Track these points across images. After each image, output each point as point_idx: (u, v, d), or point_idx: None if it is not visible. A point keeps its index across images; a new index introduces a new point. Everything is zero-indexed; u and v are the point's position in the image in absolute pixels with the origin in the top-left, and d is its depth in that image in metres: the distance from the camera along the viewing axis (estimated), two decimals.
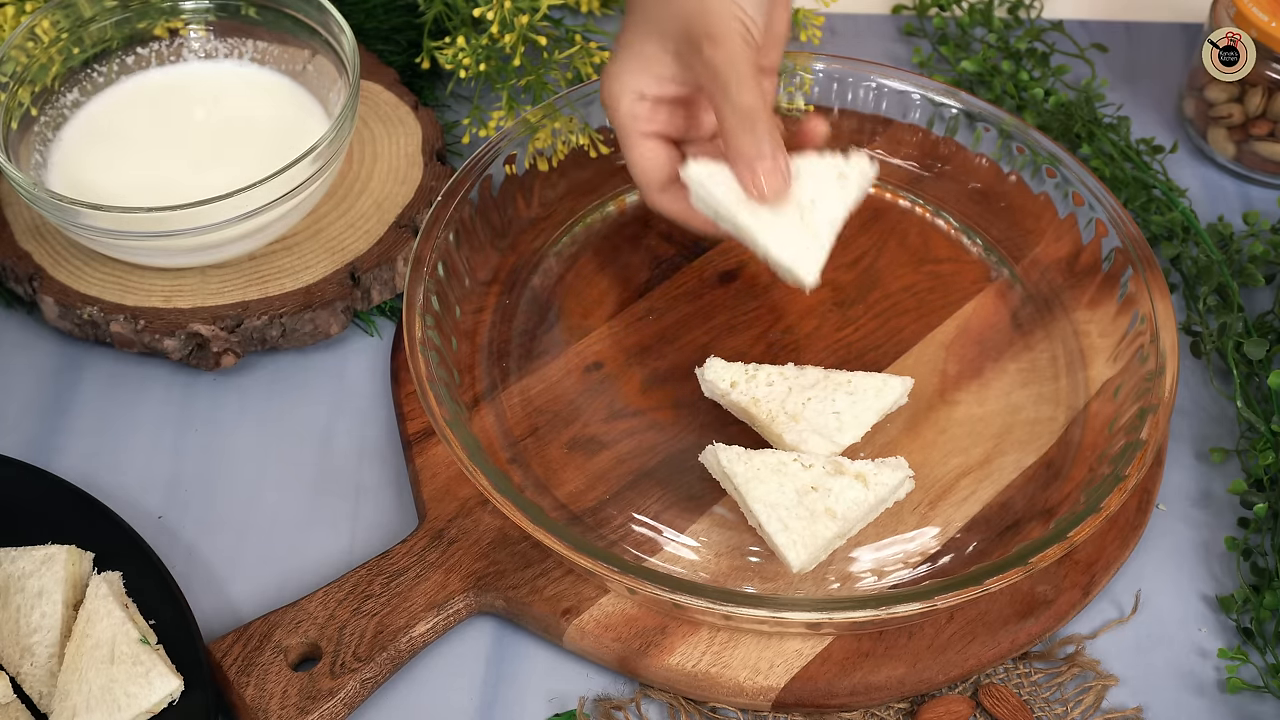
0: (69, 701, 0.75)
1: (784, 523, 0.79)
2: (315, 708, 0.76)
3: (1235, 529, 0.88)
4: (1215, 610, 0.84)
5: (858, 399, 0.85)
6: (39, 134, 0.95)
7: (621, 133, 0.86)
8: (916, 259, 0.97)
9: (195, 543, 0.86)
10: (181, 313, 0.91)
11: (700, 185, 0.82)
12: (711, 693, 0.79)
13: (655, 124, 0.86)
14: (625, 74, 0.85)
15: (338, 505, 0.87)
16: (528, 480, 0.85)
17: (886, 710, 0.79)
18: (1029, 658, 0.82)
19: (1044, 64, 1.10)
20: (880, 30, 1.16)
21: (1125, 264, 0.91)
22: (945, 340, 0.93)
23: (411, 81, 1.07)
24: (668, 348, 0.92)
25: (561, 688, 0.81)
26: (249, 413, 0.92)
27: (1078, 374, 0.91)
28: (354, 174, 0.99)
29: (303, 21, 0.98)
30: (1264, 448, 0.87)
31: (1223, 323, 0.93)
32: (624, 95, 0.85)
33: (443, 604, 0.80)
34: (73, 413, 0.91)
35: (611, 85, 0.85)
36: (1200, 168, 1.07)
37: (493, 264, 0.95)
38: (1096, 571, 0.83)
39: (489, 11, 0.99)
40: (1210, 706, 0.80)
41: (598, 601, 0.80)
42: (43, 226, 0.95)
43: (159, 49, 1.00)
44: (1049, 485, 0.86)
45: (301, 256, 0.94)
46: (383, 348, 0.95)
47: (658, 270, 0.96)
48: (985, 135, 0.99)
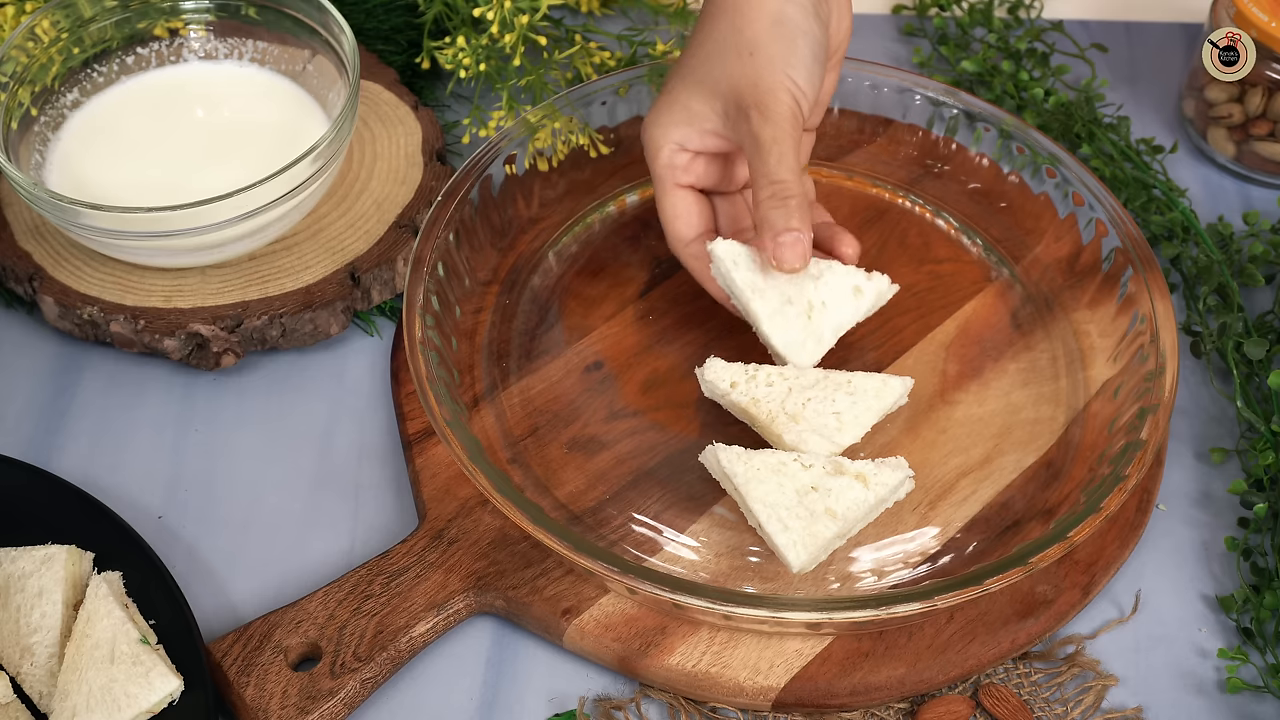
0: (69, 701, 0.75)
1: (784, 523, 0.79)
2: (315, 708, 0.76)
3: (1235, 529, 0.88)
4: (1215, 610, 0.84)
5: (858, 399, 0.85)
6: (39, 134, 0.95)
7: (658, 181, 0.89)
8: (916, 259, 0.97)
9: (195, 543, 0.86)
10: (181, 313, 0.91)
11: (721, 263, 0.87)
12: (711, 693, 0.79)
13: (691, 176, 0.89)
14: (670, 125, 0.87)
15: (338, 505, 0.87)
16: (528, 480, 0.85)
17: (886, 710, 0.79)
18: (1029, 658, 0.82)
19: (1044, 64, 1.10)
20: (880, 30, 1.16)
21: (1125, 264, 0.91)
22: (945, 340, 0.93)
23: (411, 81, 1.07)
24: (668, 348, 0.92)
25: (561, 688, 0.81)
26: (249, 413, 0.92)
27: (1078, 374, 0.91)
28: (354, 174, 0.99)
29: (303, 21, 0.98)
30: (1264, 448, 0.87)
31: (1223, 323, 0.93)
32: (665, 145, 0.88)
33: (443, 604, 0.80)
34: (73, 413, 0.91)
35: (654, 133, 0.88)
36: (1200, 168, 1.07)
37: (493, 264, 0.95)
38: (1096, 571, 0.83)
39: (489, 11, 0.99)
40: (1210, 706, 0.80)
41: (598, 601, 0.80)
42: (43, 226, 0.95)
43: (159, 49, 1.00)
44: (1049, 485, 0.86)
45: (301, 256, 0.94)
46: (383, 348, 0.95)
47: (658, 270, 0.96)
48: (985, 135, 0.99)
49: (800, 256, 0.83)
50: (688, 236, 0.89)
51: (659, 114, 0.88)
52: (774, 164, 0.83)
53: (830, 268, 0.88)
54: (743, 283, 0.87)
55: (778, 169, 0.83)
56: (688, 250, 0.90)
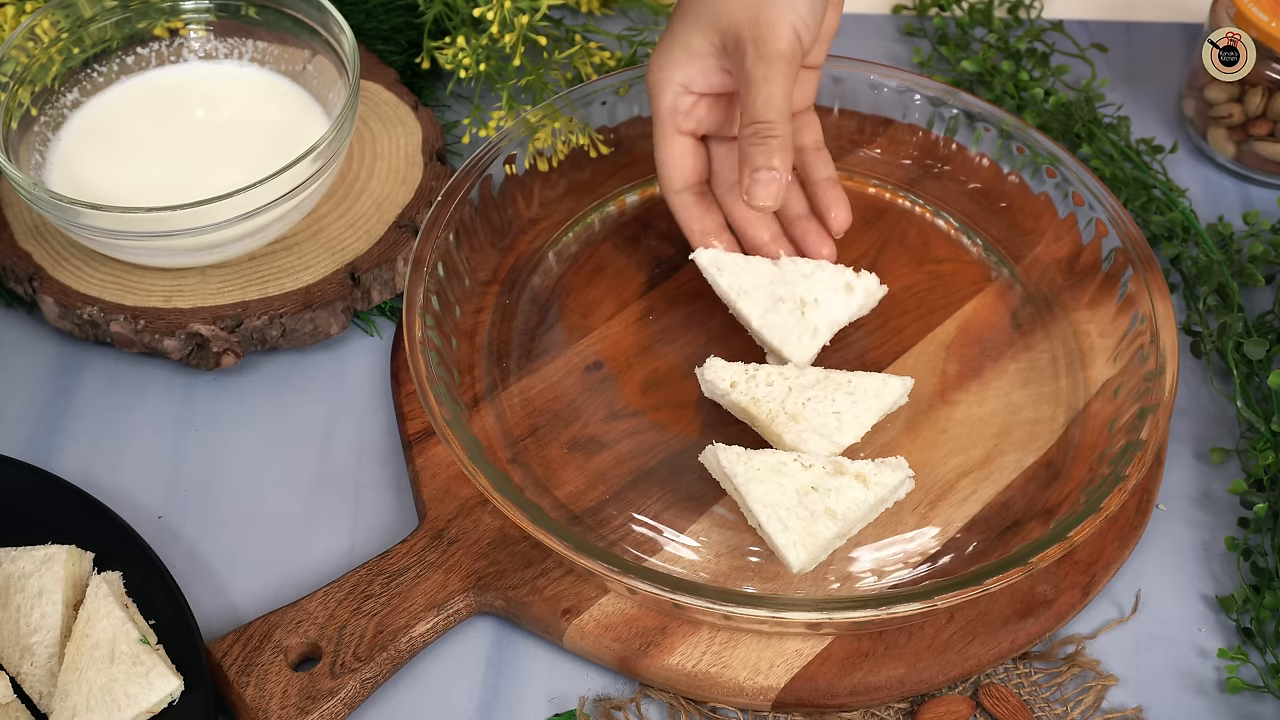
0: (69, 701, 0.75)
1: (784, 523, 0.79)
2: (315, 708, 0.76)
3: (1235, 529, 0.88)
4: (1215, 610, 0.84)
5: (858, 399, 0.85)
6: (39, 134, 0.95)
7: (659, 125, 0.88)
8: (916, 259, 0.97)
9: (195, 543, 0.86)
10: (181, 313, 0.91)
11: (706, 270, 0.89)
12: (711, 693, 0.79)
13: (692, 121, 0.88)
14: (672, 65, 0.86)
15: (338, 505, 0.87)
16: (528, 480, 0.85)
17: (886, 710, 0.79)
18: (1029, 658, 0.82)
19: (1044, 64, 1.10)
20: (880, 30, 1.16)
21: (1125, 264, 0.91)
22: (945, 340, 0.93)
23: (411, 81, 1.07)
24: (668, 348, 0.92)
25: (561, 688, 0.81)
26: (249, 413, 0.92)
27: (1078, 374, 0.91)
28: (354, 174, 0.99)
29: (303, 21, 0.98)
30: (1264, 448, 0.87)
31: (1223, 323, 0.93)
32: (669, 87, 0.86)
33: (443, 604, 0.80)
34: (73, 413, 0.91)
35: (657, 75, 0.86)
36: (1200, 168, 1.07)
37: (493, 264, 0.95)
38: (1096, 571, 0.83)
39: (489, 11, 0.99)
40: (1210, 706, 0.80)
41: (598, 601, 0.80)
42: (43, 226, 0.95)
43: (159, 49, 1.00)
44: (1049, 485, 0.86)
45: (301, 256, 0.94)
46: (383, 348, 0.95)
47: (658, 270, 0.96)
48: (985, 135, 0.99)
49: (773, 195, 0.82)
50: (679, 186, 0.89)
51: (661, 54, 0.86)
52: (761, 103, 0.81)
53: (820, 267, 0.89)
54: (728, 286, 0.88)
55: (765, 109, 0.81)
56: (678, 198, 0.90)
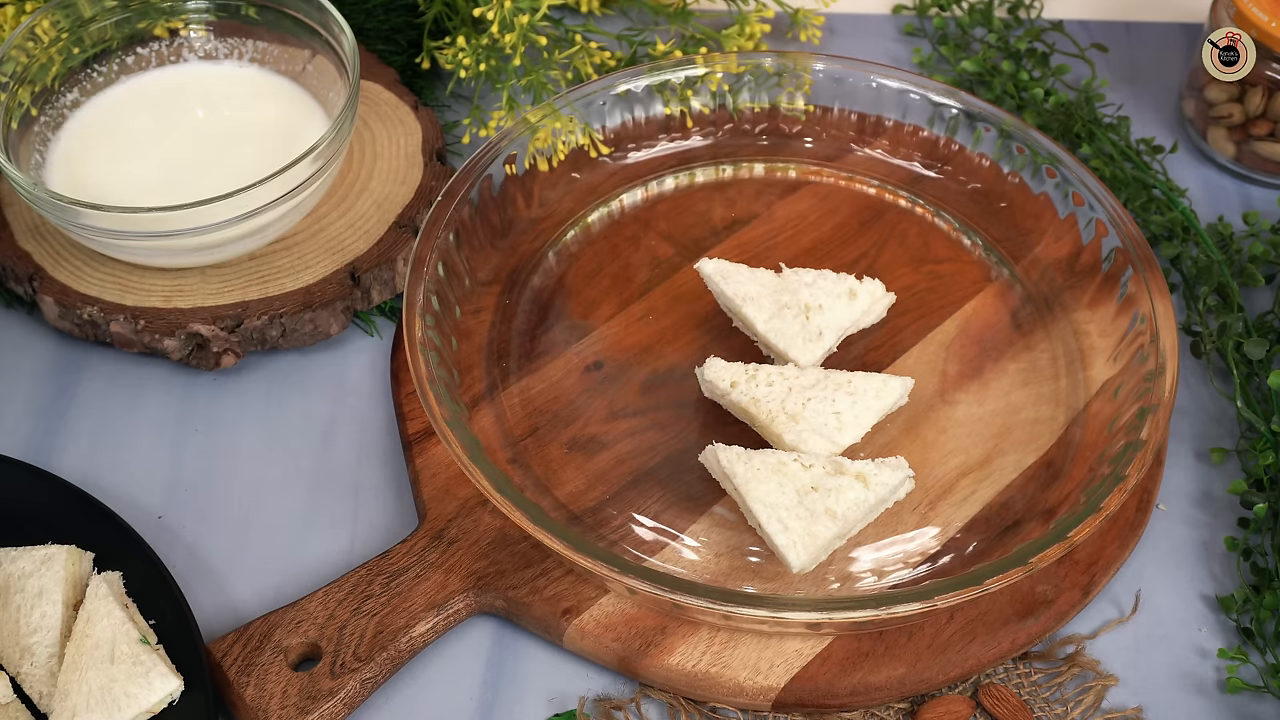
0: (69, 701, 0.75)
1: (784, 523, 0.79)
2: (315, 708, 0.76)
3: (1235, 529, 0.88)
4: (1215, 610, 0.84)
5: (858, 399, 0.85)
6: (39, 134, 0.95)
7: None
8: (916, 259, 0.97)
9: (195, 543, 0.86)
10: (181, 313, 0.91)
11: (710, 280, 0.90)
12: (711, 693, 0.79)
13: None
14: None
15: (338, 505, 0.87)
16: (528, 480, 0.85)
17: (886, 710, 0.79)
18: (1029, 658, 0.82)
19: (1044, 64, 1.10)
20: (880, 30, 1.16)
21: (1125, 264, 0.91)
22: (945, 340, 0.93)
23: (411, 81, 1.07)
24: (668, 348, 0.92)
25: (561, 688, 0.81)
26: (249, 413, 0.92)
27: (1078, 374, 0.91)
28: (354, 174, 0.99)
29: (303, 21, 0.98)
30: (1264, 448, 0.87)
31: (1223, 323, 0.93)
32: None
33: (443, 604, 0.80)
34: (73, 413, 0.91)
35: None
36: (1200, 168, 1.07)
37: (493, 264, 0.95)
38: (1096, 571, 0.83)
39: (489, 11, 0.99)
40: (1210, 706, 0.80)
41: (598, 601, 0.80)
42: (43, 226, 0.95)
43: (159, 49, 1.00)
44: (1049, 485, 0.86)
45: (301, 256, 0.94)
46: (383, 348, 0.95)
47: (658, 270, 0.96)
48: (985, 135, 0.99)
49: None
50: None
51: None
52: None
53: (823, 275, 0.90)
54: (734, 294, 0.88)
55: None
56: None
